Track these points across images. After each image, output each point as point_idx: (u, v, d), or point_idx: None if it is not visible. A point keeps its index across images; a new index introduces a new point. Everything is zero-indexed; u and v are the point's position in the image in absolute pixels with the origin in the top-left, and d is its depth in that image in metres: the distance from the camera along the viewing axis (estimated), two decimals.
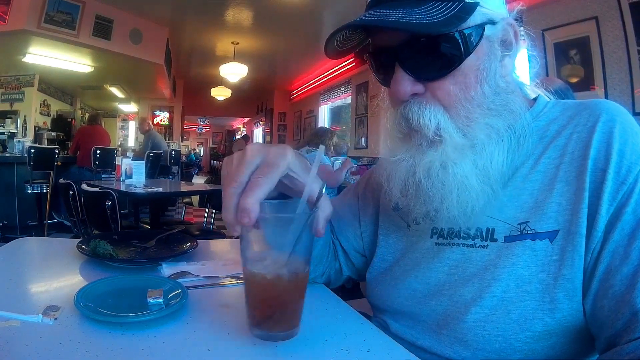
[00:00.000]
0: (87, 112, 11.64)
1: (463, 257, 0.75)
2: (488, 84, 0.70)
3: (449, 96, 0.69)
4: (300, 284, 0.66)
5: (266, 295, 0.65)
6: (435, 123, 0.69)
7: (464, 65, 0.68)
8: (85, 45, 6.52)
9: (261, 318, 0.67)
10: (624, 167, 0.64)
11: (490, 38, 0.70)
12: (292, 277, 0.64)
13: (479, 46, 0.68)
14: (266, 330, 0.66)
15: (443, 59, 0.68)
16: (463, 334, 0.72)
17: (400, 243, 0.89)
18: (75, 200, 3.30)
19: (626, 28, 3.78)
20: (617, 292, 0.60)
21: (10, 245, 1.23)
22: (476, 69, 0.69)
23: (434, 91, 0.70)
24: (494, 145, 0.70)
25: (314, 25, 7.40)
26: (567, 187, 0.68)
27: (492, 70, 0.70)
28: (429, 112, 0.69)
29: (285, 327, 0.67)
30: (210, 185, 4.96)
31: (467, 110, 0.69)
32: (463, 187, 0.69)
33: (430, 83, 0.70)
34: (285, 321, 0.67)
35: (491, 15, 0.70)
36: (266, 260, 0.64)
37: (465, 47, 0.67)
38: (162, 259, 1.11)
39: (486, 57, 0.70)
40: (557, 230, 0.67)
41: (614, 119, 0.68)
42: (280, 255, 0.63)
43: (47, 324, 0.71)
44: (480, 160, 0.69)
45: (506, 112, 0.71)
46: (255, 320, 0.68)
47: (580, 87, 4.13)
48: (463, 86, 0.69)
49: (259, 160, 0.62)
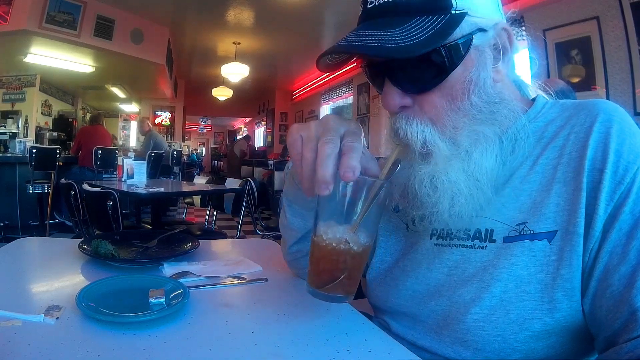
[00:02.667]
0: (88, 112, 11.65)
1: (462, 258, 0.75)
2: (476, 94, 0.70)
3: (435, 109, 0.70)
4: (364, 254, 0.67)
5: (334, 261, 0.66)
6: (422, 138, 0.70)
7: (450, 77, 0.68)
8: (86, 45, 6.52)
9: (325, 281, 0.67)
10: (621, 166, 0.64)
11: (479, 47, 0.70)
12: (359, 247, 0.65)
13: (466, 57, 0.68)
14: (329, 291, 0.67)
15: (428, 74, 0.69)
16: (463, 334, 0.72)
17: (399, 244, 0.90)
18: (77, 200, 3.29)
19: (627, 28, 3.78)
20: (616, 292, 0.60)
21: (12, 245, 1.24)
22: (463, 81, 0.69)
23: (422, 104, 0.71)
24: (483, 151, 0.71)
25: (315, 25, 7.40)
26: (565, 187, 0.69)
27: (481, 79, 0.70)
28: (416, 127, 0.71)
29: (345, 291, 0.68)
30: (211, 185, 4.94)
31: (454, 120, 0.70)
32: (453, 194, 0.70)
33: (418, 96, 0.71)
34: (348, 285, 0.68)
35: (482, 23, 0.69)
36: (339, 227, 0.65)
37: (451, 61, 0.67)
38: (164, 259, 1.11)
39: (474, 68, 0.69)
40: (556, 230, 0.67)
41: (611, 119, 0.68)
42: (351, 224, 0.64)
43: (48, 323, 0.71)
44: (468, 167, 0.70)
45: (496, 119, 0.71)
46: (320, 282, 0.68)
47: (582, 87, 4.12)
48: (450, 98, 0.70)
49: (343, 129, 0.64)
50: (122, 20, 6.90)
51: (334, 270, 0.66)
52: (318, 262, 0.68)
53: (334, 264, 0.66)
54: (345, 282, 0.66)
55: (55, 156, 5.71)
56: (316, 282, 0.68)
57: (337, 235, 0.64)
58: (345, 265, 0.65)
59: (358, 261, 0.67)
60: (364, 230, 0.65)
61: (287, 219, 0.93)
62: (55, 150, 5.85)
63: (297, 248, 0.97)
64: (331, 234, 0.65)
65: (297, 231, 0.93)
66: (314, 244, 0.68)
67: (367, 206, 0.63)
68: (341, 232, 0.65)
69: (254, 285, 0.98)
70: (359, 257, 0.66)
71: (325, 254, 0.66)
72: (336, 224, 0.65)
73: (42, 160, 5.56)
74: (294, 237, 0.95)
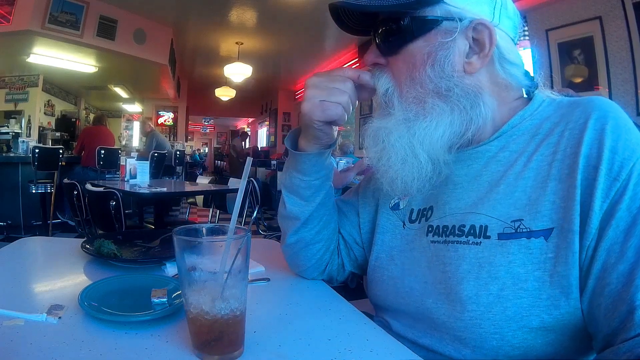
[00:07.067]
0: (91, 112, 11.69)
1: (456, 255, 0.75)
2: (432, 68, 0.76)
3: (399, 72, 0.81)
4: (237, 316, 0.65)
5: (204, 327, 0.64)
6: (385, 88, 0.83)
7: (412, 47, 0.78)
8: (89, 45, 6.52)
9: (200, 344, 0.65)
10: (616, 163, 0.64)
11: (449, 31, 0.76)
12: (227, 310, 0.63)
13: (430, 34, 0.76)
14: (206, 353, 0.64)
15: (395, 38, 0.79)
16: (461, 332, 0.72)
17: (394, 241, 0.91)
18: (80, 200, 3.30)
19: (630, 28, 3.77)
20: (614, 290, 0.60)
21: (15, 244, 1.24)
22: (423, 53, 0.77)
23: (391, 66, 0.83)
24: (429, 123, 0.77)
25: (317, 25, 7.39)
26: (560, 184, 0.69)
27: (441, 57, 0.76)
28: (384, 79, 0.83)
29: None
30: (214, 185, 4.94)
31: (412, 87, 0.79)
32: (390, 154, 0.80)
33: (391, 59, 0.82)
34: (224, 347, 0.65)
35: (456, 13, 0.75)
36: (203, 291, 0.63)
37: (412, 31, 0.77)
38: (166, 259, 1.11)
39: (436, 46, 0.76)
40: (552, 228, 0.67)
41: (606, 115, 0.68)
42: (215, 284, 0.63)
43: (51, 323, 0.71)
44: (413, 135, 0.78)
45: (451, 98, 0.77)
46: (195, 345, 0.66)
47: (584, 88, 4.12)
48: (410, 65, 0.79)
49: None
50: (124, 21, 6.91)
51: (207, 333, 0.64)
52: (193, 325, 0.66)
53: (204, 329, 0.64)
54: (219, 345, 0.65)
55: (58, 156, 5.72)
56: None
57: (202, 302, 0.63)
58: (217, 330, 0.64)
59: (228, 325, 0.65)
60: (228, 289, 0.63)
61: (286, 209, 0.98)
62: (58, 150, 5.87)
63: (296, 238, 0.99)
64: (195, 300, 0.64)
65: (297, 218, 0.96)
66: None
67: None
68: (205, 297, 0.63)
69: (256, 285, 0.98)
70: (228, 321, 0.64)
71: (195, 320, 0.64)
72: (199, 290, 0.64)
73: (45, 160, 5.57)
74: (293, 226, 0.98)
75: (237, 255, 0.62)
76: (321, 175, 0.93)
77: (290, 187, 0.96)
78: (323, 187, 0.95)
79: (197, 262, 0.63)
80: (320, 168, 0.92)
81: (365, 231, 1.01)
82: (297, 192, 0.95)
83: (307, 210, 0.95)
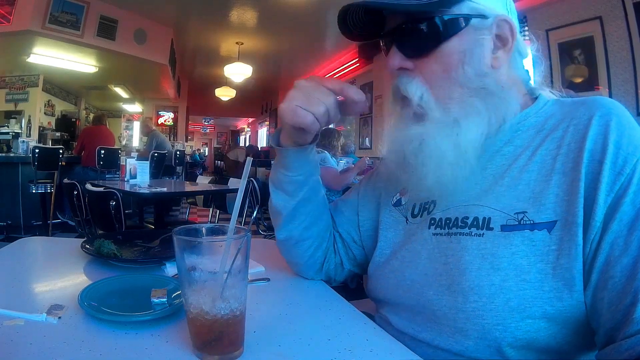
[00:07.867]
0: (91, 112, 11.67)
1: (459, 246, 0.76)
2: (470, 65, 0.77)
3: (433, 74, 0.79)
4: (237, 316, 0.65)
5: (204, 327, 0.64)
6: (420, 93, 0.79)
7: (446, 47, 0.77)
8: (89, 45, 6.53)
9: (200, 344, 0.65)
10: (620, 158, 0.65)
11: (478, 28, 0.77)
12: (227, 310, 0.63)
13: (462, 32, 0.76)
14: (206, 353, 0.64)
15: (425, 40, 0.78)
16: (462, 323, 0.72)
17: (398, 236, 0.91)
18: (80, 200, 3.30)
19: (630, 28, 3.77)
20: (618, 283, 0.61)
21: (15, 244, 1.24)
22: (459, 51, 0.77)
23: (421, 69, 0.80)
24: (471, 123, 0.76)
25: (318, 25, 7.39)
26: (564, 178, 0.69)
27: (475, 54, 0.77)
28: (415, 84, 0.79)
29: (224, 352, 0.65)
30: (214, 185, 4.94)
31: (448, 89, 0.78)
32: (439, 159, 0.77)
33: (418, 61, 0.80)
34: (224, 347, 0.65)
35: (482, 10, 0.77)
36: (203, 291, 0.63)
37: (445, 31, 0.76)
38: (166, 259, 1.11)
39: (470, 43, 0.77)
40: (555, 220, 0.68)
41: (610, 112, 0.70)
42: (215, 285, 0.63)
43: (51, 322, 0.71)
44: (457, 137, 0.76)
45: (487, 93, 0.77)
46: (195, 345, 0.66)
47: (585, 88, 4.12)
48: (446, 66, 0.77)
49: None
50: (125, 21, 6.92)
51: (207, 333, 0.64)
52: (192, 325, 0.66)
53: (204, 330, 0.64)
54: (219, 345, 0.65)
55: (58, 156, 5.72)
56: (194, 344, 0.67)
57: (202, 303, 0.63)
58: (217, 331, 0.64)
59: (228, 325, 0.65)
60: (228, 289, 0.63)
61: (272, 203, 1.00)
62: (58, 150, 5.87)
63: (285, 235, 1.00)
64: (194, 301, 0.64)
65: (281, 213, 0.98)
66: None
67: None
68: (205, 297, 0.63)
69: (256, 285, 0.98)
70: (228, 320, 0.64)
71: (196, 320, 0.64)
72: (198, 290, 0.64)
73: (45, 160, 5.57)
74: (280, 221, 0.99)
75: (237, 255, 0.62)
76: (304, 171, 0.94)
77: (276, 181, 0.97)
78: (306, 183, 0.95)
79: (197, 262, 0.63)
80: (302, 164, 0.93)
81: (365, 230, 1.02)
82: (281, 186, 0.96)
83: (290, 205, 0.96)
